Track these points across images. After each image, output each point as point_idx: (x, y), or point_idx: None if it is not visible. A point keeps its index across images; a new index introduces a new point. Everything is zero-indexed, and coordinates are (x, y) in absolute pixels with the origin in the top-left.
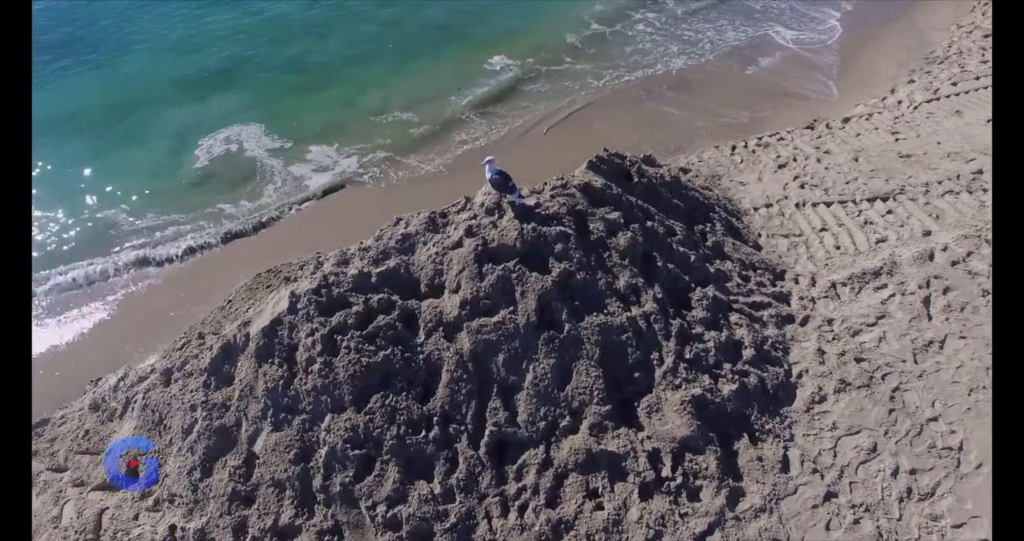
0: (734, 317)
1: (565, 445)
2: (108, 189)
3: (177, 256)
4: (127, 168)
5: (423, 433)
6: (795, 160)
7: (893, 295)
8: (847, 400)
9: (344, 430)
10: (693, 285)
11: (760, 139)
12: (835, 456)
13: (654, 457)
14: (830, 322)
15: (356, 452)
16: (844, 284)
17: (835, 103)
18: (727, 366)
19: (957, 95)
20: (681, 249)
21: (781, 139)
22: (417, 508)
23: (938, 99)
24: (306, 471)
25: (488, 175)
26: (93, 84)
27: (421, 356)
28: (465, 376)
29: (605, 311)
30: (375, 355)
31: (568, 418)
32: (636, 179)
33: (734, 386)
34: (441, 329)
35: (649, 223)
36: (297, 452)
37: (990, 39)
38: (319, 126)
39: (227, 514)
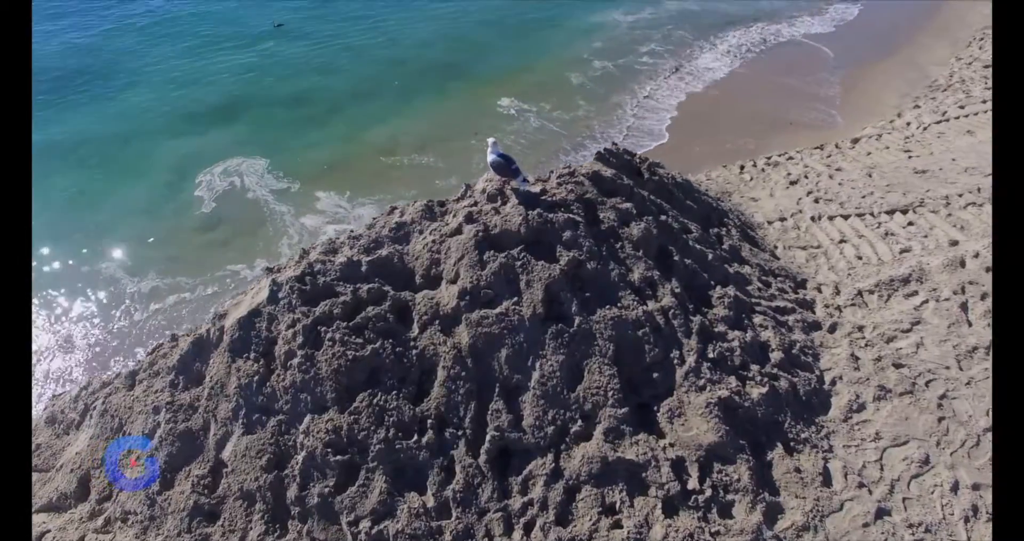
0: (758, 319)
1: (577, 453)
2: (105, 240)
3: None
4: (127, 207)
5: (415, 438)
6: (806, 177)
7: (927, 301)
8: (889, 408)
9: (325, 433)
10: (713, 283)
11: (769, 158)
12: (882, 469)
13: (678, 466)
14: (860, 329)
15: (338, 458)
16: (871, 292)
17: (840, 129)
18: (755, 367)
19: (966, 117)
20: (698, 247)
21: (791, 158)
22: (407, 524)
23: (947, 120)
24: (280, 480)
25: (490, 158)
26: (95, 116)
27: (414, 351)
28: (463, 374)
29: (619, 304)
30: (363, 348)
31: (580, 422)
32: (647, 176)
33: (764, 389)
34: (437, 322)
35: (663, 217)
36: (270, 458)
37: (991, 69)
38: (326, 165)
39: (186, 532)
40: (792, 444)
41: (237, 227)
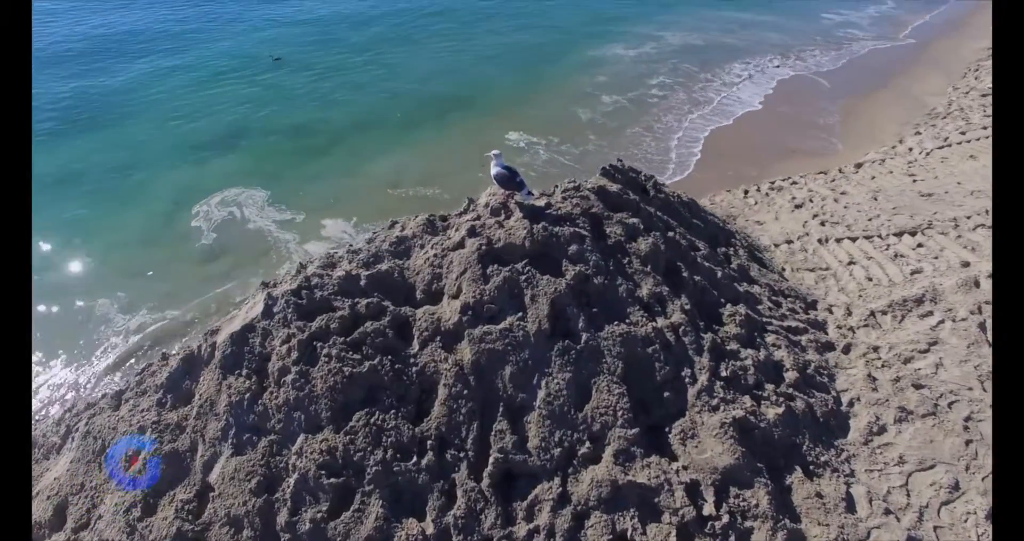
0: (770, 338)
1: (585, 476)
2: (100, 274)
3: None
4: (123, 239)
5: (414, 459)
6: (811, 201)
7: (943, 322)
8: (912, 431)
9: (319, 453)
10: (723, 301)
11: (773, 183)
12: (909, 495)
13: (693, 491)
14: (876, 349)
15: (332, 481)
16: (884, 312)
17: (841, 156)
18: (769, 387)
19: (968, 142)
20: (707, 264)
21: (794, 183)
22: None
23: (949, 146)
24: (270, 504)
25: (493, 170)
26: (95, 147)
27: (414, 368)
28: (466, 392)
29: (627, 320)
30: (360, 365)
31: (588, 444)
32: (652, 193)
33: (780, 410)
34: (439, 338)
35: (671, 234)
36: (260, 480)
37: (990, 97)
38: (331, 197)
39: None
40: (812, 468)
41: (239, 257)
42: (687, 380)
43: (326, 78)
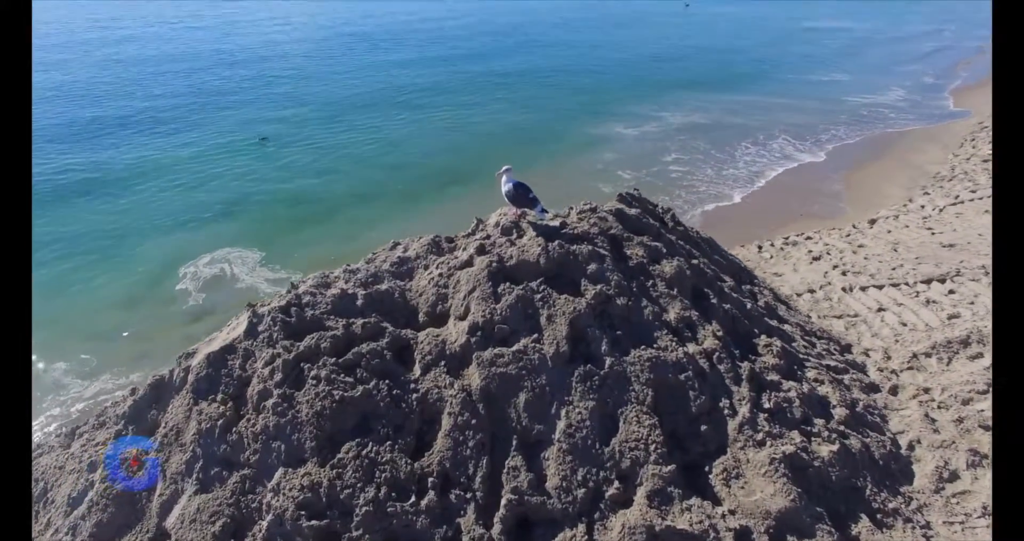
0: (811, 373)
1: (615, 523)
2: (67, 335)
3: None
4: (105, 297)
5: (412, 499)
6: (829, 253)
7: None
8: (989, 477)
9: (299, 490)
10: (756, 332)
11: (787, 239)
12: None
13: (743, 539)
14: (927, 390)
15: (313, 523)
16: (928, 354)
17: (849, 218)
18: (819, 422)
19: (980, 199)
20: (734, 295)
21: (809, 238)
22: None
23: (962, 202)
24: None
25: (504, 187)
26: (93, 213)
27: (415, 395)
28: (474, 422)
29: (655, 345)
30: (353, 388)
31: (616, 483)
32: (671, 225)
33: (834, 447)
34: (443, 362)
35: (694, 261)
36: (227, 523)
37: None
38: (328, 258)
39: None
40: (879, 516)
41: (226, 316)
42: (726, 412)
43: (327, 153)
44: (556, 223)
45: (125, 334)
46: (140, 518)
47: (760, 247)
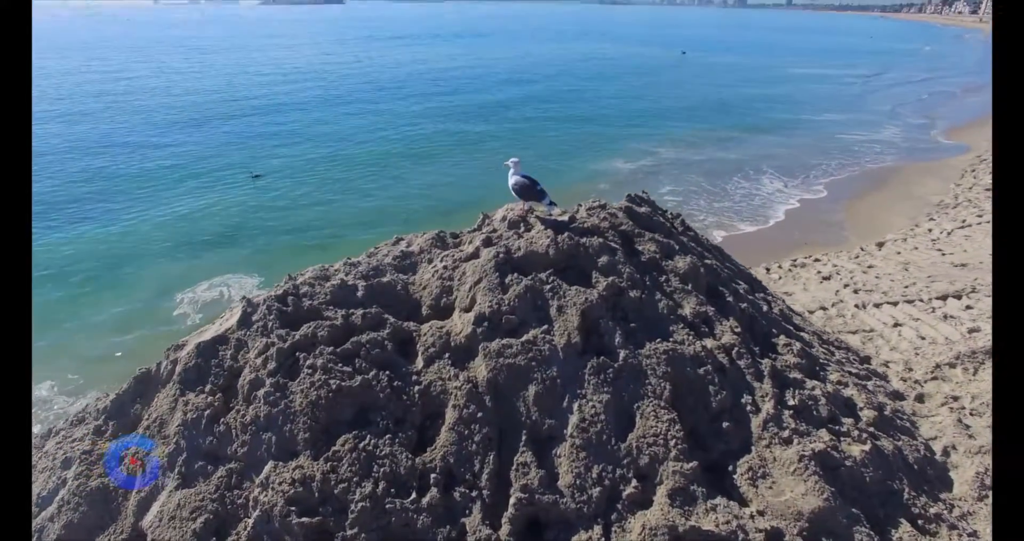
0: (834, 376)
1: (634, 523)
2: (58, 354)
3: None
4: (99, 319)
5: (413, 496)
6: (838, 273)
7: None
8: None
9: (290, 484)
10: (775, 332)
11: (795, 261)
12: None
13: None
14: (956, 398)
15: (304, 520)
16: (952, 365)
17: (852, 246)
18: (847, 421)
19: (988, 222)
20: (750, 296)
21: (817, 260)
22: None
23: (969, 226)
24: None
25: (512, 180)
26: (92, 239)
27: (417, 386)
28: (480, 415)
29: (671, 339)
30: (351, 378)
31: (634, 482)
32: (681, 229)
33: (866, 447)
34: (447, 354)
35: (707, 261)
36: (209, 519)
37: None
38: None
39: None
40: (921, 522)
41: None
42: (748, 409)
43: (330, 185)
44: (565, 218)
45: (118, 354)
46: (115, 517)
47: (768, 269)
